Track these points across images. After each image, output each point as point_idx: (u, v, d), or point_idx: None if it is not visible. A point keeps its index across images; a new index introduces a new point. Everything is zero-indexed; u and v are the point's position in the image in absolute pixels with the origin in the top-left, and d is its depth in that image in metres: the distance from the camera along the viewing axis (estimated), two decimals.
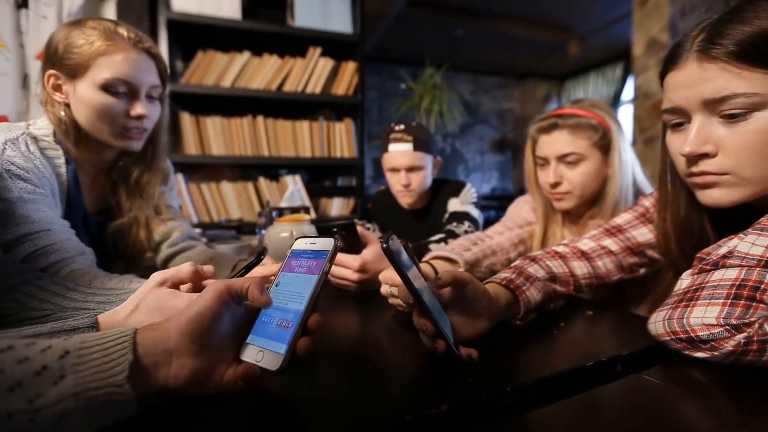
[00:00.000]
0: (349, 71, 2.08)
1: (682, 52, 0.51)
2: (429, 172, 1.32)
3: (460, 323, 0.51)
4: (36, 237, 0.64)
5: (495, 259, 0.90)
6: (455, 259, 0.79)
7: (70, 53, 0.70)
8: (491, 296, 0.55)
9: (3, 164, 0.65)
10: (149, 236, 0.86)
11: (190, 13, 1.76)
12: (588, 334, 0.59)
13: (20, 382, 0.31)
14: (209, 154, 1.92)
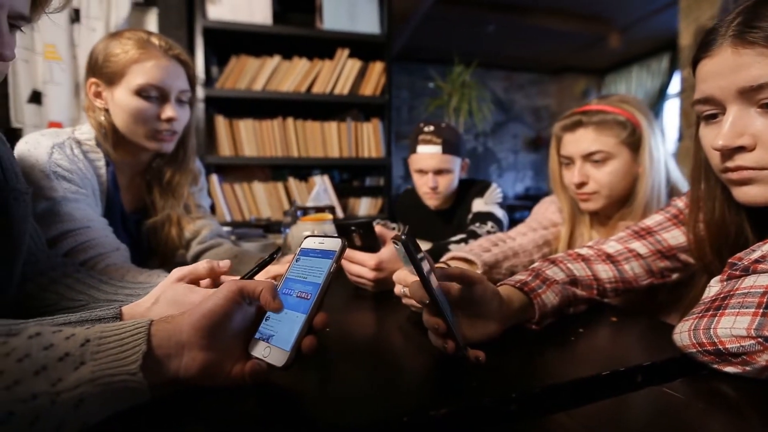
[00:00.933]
0: (377, 72, 2.09)
1: (716, 38, 0.47)
2: (457, 174, 1.30)
3: (470, 325, 0.50)
4: (77, 233, 0.69)
5: (516, 261, 0.87)
6: (473, 260, 0.78)
7: (108, 62, 0.75)
8: (503, 299, 0.53)
9: (50, 166, 0.71)
10: (180, 234, 0.91)
11: (224, 21, 1.84)
12: (609, 341, 0.56)
13: (45, 367, 0.33)
14: (242, 155, 1.99)
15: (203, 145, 1.92)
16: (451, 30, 3.45)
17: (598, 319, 0.62)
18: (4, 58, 0.49)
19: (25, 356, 0.33)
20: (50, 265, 0.62)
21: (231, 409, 0.38)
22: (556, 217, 1.02)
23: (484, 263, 0.78)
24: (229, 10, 1.84)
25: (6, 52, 0.48)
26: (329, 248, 0.45)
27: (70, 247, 0.68)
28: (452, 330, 0.43)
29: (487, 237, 0.91)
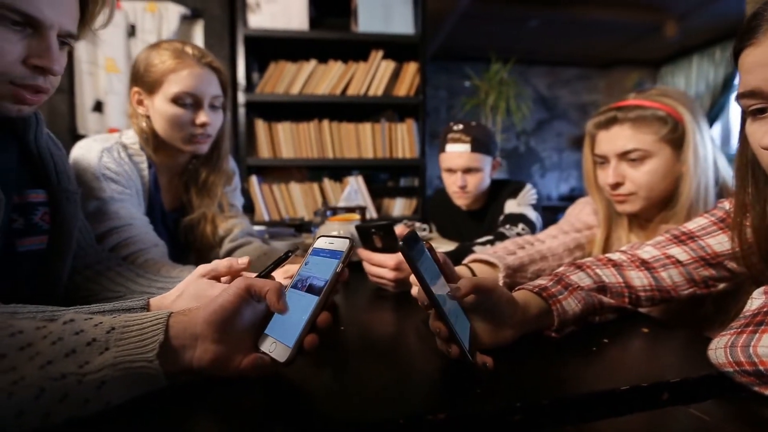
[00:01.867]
0: (411, 72, 2.09)
1: (761, 24, 0.43)
2: (487, 173, 1.27)
3: (483, 330, 0.49)
4: (121, 230, 0.76)
5: (544, 265, 0.83)
6: (495, 263, 0.76)
7: (148, 72, 0.82)
8: (519, 304, 0.51)
9: (100, 169, 0.79)
10: (215, 231, 0.97)
11: (263, 29, 1.92)
12: (635, 353, 0.52)
13: (74, 350, 0.37)
14: (280, 157, 2.07)
15: (244, 148, 2.01)
16: (490, 27, 3.36)
17: (627, 330, 0.58)
18: (53, 73, 0.55)
19: (58, 340, 0.37)
20: (97, 258, 0.69)
21: (233, 399, 0.40)
22: (590, 220, 0.97)
23: (507, 267, 0.76)
24: (268, 19, 1.92)
25: (55, 68, 0.54)
26: (338, 249, 0.46)
27: (115, 243, 0.75)
28: (455, 335, 0.42)
29: (513, 239, 0.88)
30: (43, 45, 0.53)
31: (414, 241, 0.46)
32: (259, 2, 1.92)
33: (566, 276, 0.59)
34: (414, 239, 0.46)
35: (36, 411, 0.34)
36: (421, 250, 0.48)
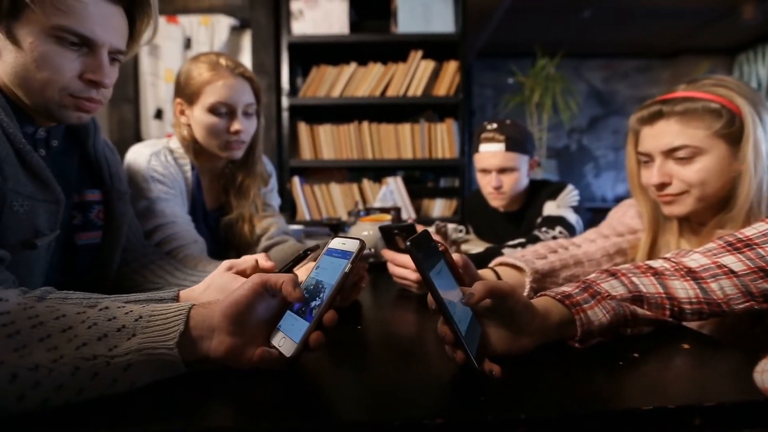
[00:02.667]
0: (451, 71, 2.06)
1: None
2: (523, 173, 1.22)
3: (497, 337, 0.47)
4: (165, 227, 0.83)
5: (578, 271, 0.79)
6: (522, 267, 0.73)
7: (188, 84, 0.89)
8: (538, 311, 0.49)
9: (149, 171, 0.86)
10: (252, 230, 1.02)
11: (306, 35, 1.99)
12: (669, 371, 0.48)
13: (106, 335, 0.41)
14: (321, 158, 2.14)
15: (287, 150, 2.10)
16: (536, 21, 3.21)
17: (663, 345, 0.53)
18: (105, 86, 0.61)
19: (93, 324, 0.41)
20: (143, 253, 0.76)
21: (245, 389, 0.42)
22: (634, 223, 0.90)
23: (535, 271, 0.73)
24: (311, 25, 1.99)
25: (106, 81, 0.60)
26: (348, 249, 0.47)
27: (160, 239, 0.82)
28: (461, 340, 0.42)
29: (546, 242, 0.84)
30: (96, 62, 0.59)
31: (424, 242, 0.45)
32: (302, 10, 1.99)
33: (596, 283, 0.56)
34: (424, 240, 0.45)
35: (72, 386, 0.38)
36: (433, 251, 0.47)
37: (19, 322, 0.40)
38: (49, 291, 0.50)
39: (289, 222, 2.11)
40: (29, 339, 0.39)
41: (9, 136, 0.55)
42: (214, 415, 0.38)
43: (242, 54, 2.07)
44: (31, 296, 0.48)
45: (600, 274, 0.59)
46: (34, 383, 0.37)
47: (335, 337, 0.58)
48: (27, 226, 0.56)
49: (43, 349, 0.38)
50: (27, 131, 0.60)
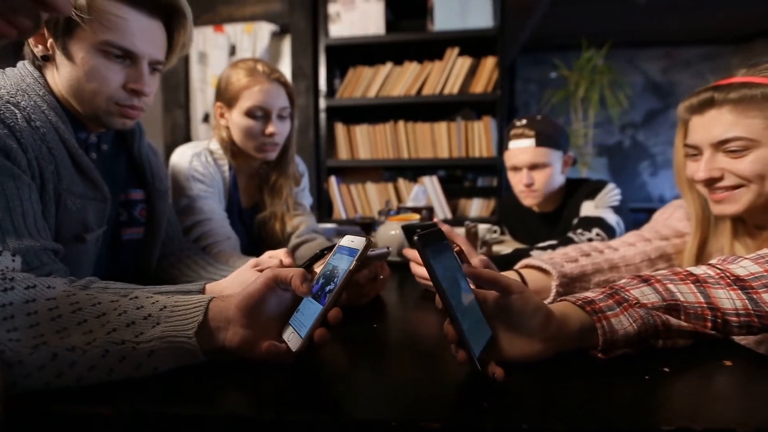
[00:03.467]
0: (489, 67, 2.01)
1: None
2: (557, 170, 1.17)
3: (507, 340, 0.46)
4: (202, 224, 0.88)
5: (614, 276, 0.74)
6: (548, 270, 0.69)
7: (227, 89, 0.94)
8: (554, 316, 0.47)
9: (190, 171, 0.93)
10: (283, 228, 1.06)
11: (342, 37, 2.03)
12: (702, 390, 0.44)
13: (133, 322, 0.45)
14: (357, 158, 2.17)
15: (324, 150, 2.15)
16: (585, 11, 3.04)
17: (701, 360, 0.48)
18: (145, 94, 0.66)
19: (123, 312, 0.45)
20: (180, 247, 0.82)
21: (258, 380, 0.44)
22: (682, 226, 0.83)
23: (563, 275, 0.69)
24: (347, 27, 2.03)
25: (146, 90, 0.66)
26: (355, 247, 0.48)
27: (197, 235, 0.88)
28: (464, 338, 0.41)
29: (578, 245, 0.79)
30: (137, 72, 0.65)
31: (433, 239, 0.45)
32: (339, 12, 2.03)
33: (624, 289, 0.52)
34: (434, 237, 0.45)
35: (102, 367, 0.42)
36: (443, 249, 0.46)
37: (62, 307, 0.45)
38: (93, 281, 0.56)
39: (325, 221, 2.17)
40: (69, 323, 0.44)
41: (64, 141, 0.62)
42: (225, 403, 0.40)
43: (282, 58, 2.15)
44: (76, 285, 0.54)
45: (630, 280, 0.55)
46: (71, 362, 0.41)
47: (350, 334, 0.59)
48: (78, 221, 0.62)
49: (79, 333, 0.43)
50: (80, 137, 0.67)
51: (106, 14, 0.59)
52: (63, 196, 0.61)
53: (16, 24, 0.31)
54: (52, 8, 0.32)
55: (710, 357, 0.49)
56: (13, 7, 0.30)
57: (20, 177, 0.55)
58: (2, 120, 0.55)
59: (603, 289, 0.53)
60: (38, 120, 0.59)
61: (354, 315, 0.65)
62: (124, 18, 0.61)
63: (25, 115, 0.58)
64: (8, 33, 0.30)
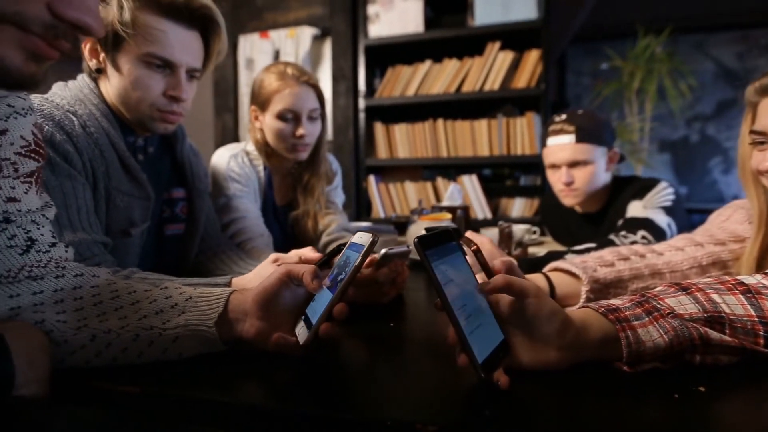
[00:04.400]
0: (532, 60, 1.93)
1: None
2: (600, 167, 1.09)
3: (521, 347, 0.43)
4: (237, 221, 0.94)
5: (655, 284, 0.67)
6: (578, 275, 0.66)
7: (260, 93, 0.99)
8: (572, 323, 0.44)
9: (228, 171, 0.99)
10: (315, 226, 1.10)
11: (381, 37, 2.04)
12: (738, 415, 0.39)
13: (162, 310, 0.49)
14: (396, 157, 2.18)
15: (363, 150, 2.18)
16: None
17: (747, 381, 0.43)
18: (183, 100, 0.72)
19: (154, 301, 0.50)
20: (216, 243, 0.87)
21: (272, 370, 0.46)
22: (742, 229, 0.74)
23: (595, 280, 0.65)
24: (386, 27, 2.04)
25: (183, 96, 0.71)
26: (363, 243, 0.48)
27: (233, 232, 0.93)
28: (466, 342, 0.40)
29: (616, 248, 0.74)
30: (176, 80, 0.70)
31: (437, 240, 0.44)
32: (378, 12, 2.05)
33: (657, 298, 0.48)
34: (438, 239, 0.44)
35: (134, 349, 0.46)
36: (448, 250, 0.46)
37: (103, 294, 0.50)
38: (135, 271, 0.61)
39: (363, 219, 2.20)
40: (108, 308, 0.48)
41: (114, 145, 0.69)
42: (237, 391, 0.43)
43: (323, 61, 2.21)
44: (119, 274, 0.59)
45: (667, 288, 0.50)
46: (107, 344, 0.46)
47: (364, 332, 0.60)
48: (125, 217, 0.69)
49: (116, 317, 0.47)
50: (129, 141, 0.74)
51: (148, 28, 0.65)
52: (112, 194, 0.67)
53: (57, 46, 0.35)
54: (87, 32, 0.36)
55: (759, 378, 0.44)
56: (56, 33, 0.34)
57: (76, 177, 0.62)
58: (62, 127, 0.62)
59: (632, 296, 0.49)
60: (92, 126, 0.66)
61: (372, 313, 0.66)
62: (163, 31, 0.66)
63: (81, 122, 0.65)
64: (51, 55, 0.35)
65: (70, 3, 0.33)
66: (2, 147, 0.45)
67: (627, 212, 1.06)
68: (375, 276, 0.66)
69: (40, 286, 0.47)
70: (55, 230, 0.52)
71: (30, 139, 0.48)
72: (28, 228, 0.47)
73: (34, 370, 0.40)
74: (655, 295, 0.48)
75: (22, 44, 0.32)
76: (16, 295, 0.46)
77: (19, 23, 0.31)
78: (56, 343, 0.45)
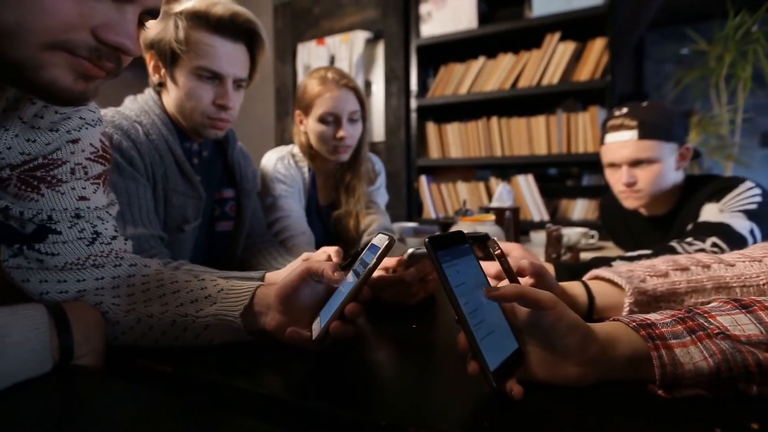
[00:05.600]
0: (596, 50, 1.78)
1: None
2: (669, 166, 0.98)
3: (537, 358, 0.41)
4: (282, 219, 1.00)
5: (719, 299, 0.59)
6: (621, 285, 0.59)
7: (303, 97, 1.04)
8: (595, 337, 0.40)
9: (274, 173, 1.05)
10: (357, 225, 1.13)
11: (433, 35, 2.02)
12: None
13: (197, 299, 0.54)
14: (448, 157, 2.14)
15: (415, 150, 2.18)
16: None
17: None
18: (229, 108, 0.78)
19: (191, 290, 0.55)
20: (261, 240, 0.94)
21: (287, 361, 0.49)
22: None
23: (641, 292, 0.58)
24: (438, 25, 2.02)
25: (230, 104, 0.77)
26: (379, 245, 0.49)
27: (277, 230, 0.99)
28: (478, 350, 0.38)
29: (673, 257, 0.66)
30: (223, 90, 0.76)
31: (450, 242, 0.43)
32: (430, 11, 2.04)
33: (707, 314, 0.42)
34: (451, 241, 0.44)
35: (171, 334, 0.52)
36: (461, 253, 0.45)
37: (151, 282, 0.56)
38: (183, 263, 0.68)
39: (414, 220, 2.20)
40: (153, 295, 0.55)
41: (172, 150, 0.77)
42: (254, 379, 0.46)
43: (376, 63, 2.25)
44: (169, 266, 0.66)
45: (723, 304, 0.44)
46: (150, 326, 0.52)
47: (385, 331, 0.61)
48: (179, 215, 0.77)
49: (158, 304, 0.53)
50: (186, 146, 0.82)
51: (199, 44, 0.72)
52: (169, 194, 0.76)
53: (101, 67, 0.40)
54: (126, 53, 0.41)
55: None
56: (99, 55, 0.39)
57: (139, 179, 0.71)
58: (128, 135, 0.72)
59: (678, 311, 0.44)
60: (154, 134, 0.75)
61: (398, 313, 0.66)
62: (212, 45, 0.73)
63: (145, 130, 0.74)
64: (97, 74, 0.40)
65: (111, 29, 0.38)
66: (75, 153, 0.53)
67: (700, 216, 0.93)
68: (402, 276, 0.66)
69: (101, 273, 0.55)
70: (119, 225, 0.60)
71: (98, 146, 0.56)
72: (94, 223, 0.55)
73: (89, 343, 0.47)
74: (704, 311, 0.42)
75: (72, 66, 0.38)
76: (83, 279, 0.53)
77: (69, 49, 0.37)
78: (111, 323, 0.52)
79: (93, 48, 0.38)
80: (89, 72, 0.39)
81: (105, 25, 0.38)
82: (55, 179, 0.51)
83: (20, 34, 0.35)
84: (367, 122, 1.08)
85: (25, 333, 0.42)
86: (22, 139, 0.48)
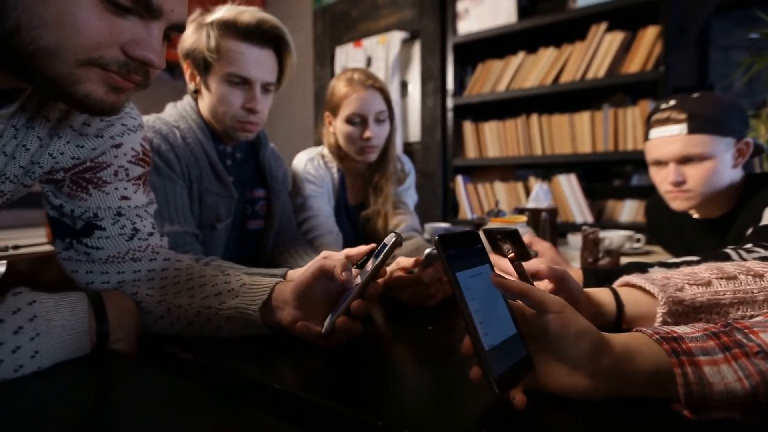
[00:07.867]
0: (648, 39, 1.65)
1: None
2: (724, 163, 0.89)
3: (545, 367, 0.39)
4: (310, 219, 1.02)
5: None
6: (653, 293, 0.55)
7: (331, 99, 1.06)
8: (610, 349, 0.37)
9: (304, 174, 1.08)
10: (385, 225, 1.13)
11: (470, 33, 1.98)
12: None
13: (220, 293, 0.57)
14: (485, 156, 2.09)
15: (451, 150, 2.15)
16: None
17: None
18: (258, 111, 0.82)
19: (216, 284, 0.58)
20: (290, 238, 0.97)
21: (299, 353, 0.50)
22: None
23: (677, 302, 0.53)
24: (475, 22, 1.97)
25: (258, 108, 0.81)
26: (388, 243, 0.49)
27: (306, 229, 1.02)
28: (483, 355, 0.37)
29: (719, 264, 0.60)
30: (251, 94, 0.80)
31: (462, 242, 0.42)
32: (468, 8, 2.00)
33: (748, 330, 0.37)
34: (463, 240, 0.43)
35: (196, 324, 0.55)
36: (474, 254, 0.43)
37: (182, 275, 0.61)
38: (213, 259, 0.72)
39: (449, 220, 2.17)
40: (182, 287, 0.59)
41: (206, 152, 0.82)
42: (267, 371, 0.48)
43: (412, 63, 2.24)
44: (201, 261, 0.71)
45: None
46: (178, 317, 0.56)
47: (398, 332, 0.61)
48: (212, 213, 0.82)
49: (186, 296, 0.57)
50: (219, 148, 0.87)
51: (229, 52, 0.76)
52: (203, 194, 0.81)
53: (130, 80, 0.44)
54: (153, 66, 0.44)
55: None
56: (128, 69, 0.43)
57: (176, 180, 0.76)
58: (167, 139, 0.77)
59: (711, 324, 0.40)
60: (190, 138, 0.81)
61: (416, 315, 0.66)
62: (241, 52, 0.76)
63: (182, 134, 0.80)
64: (126, 86, 0.44)
65: (138, 44, 0.42)
66: (118, 157, 0.58)
67: (762, 219, 0.84)
68: (420, 276, 0.66)
69: (138, 266, 0.60)
70: (157, 222, 0.65)
71: (139, 150, 0.61)
72: (134, 220, 0.60)
73: (123, 330, 0.52)
74: (745, 326, 0.38)
75: (104, 80, 0.42)
76: (122, 272, 0.58)
77: (101, 64, 0.41)
78: (145, 312, 0.56)
79: (122, 63, 0.42)
80: (119, 85, 0.43)
81: (133, 41, 0.42)
82: (101, 180, 0.57)
83: (58, 53, 0.39)
84: (395, 122, 1.09)
85: (68, 317, 0.47)
86: (72, 145, 0.53)
